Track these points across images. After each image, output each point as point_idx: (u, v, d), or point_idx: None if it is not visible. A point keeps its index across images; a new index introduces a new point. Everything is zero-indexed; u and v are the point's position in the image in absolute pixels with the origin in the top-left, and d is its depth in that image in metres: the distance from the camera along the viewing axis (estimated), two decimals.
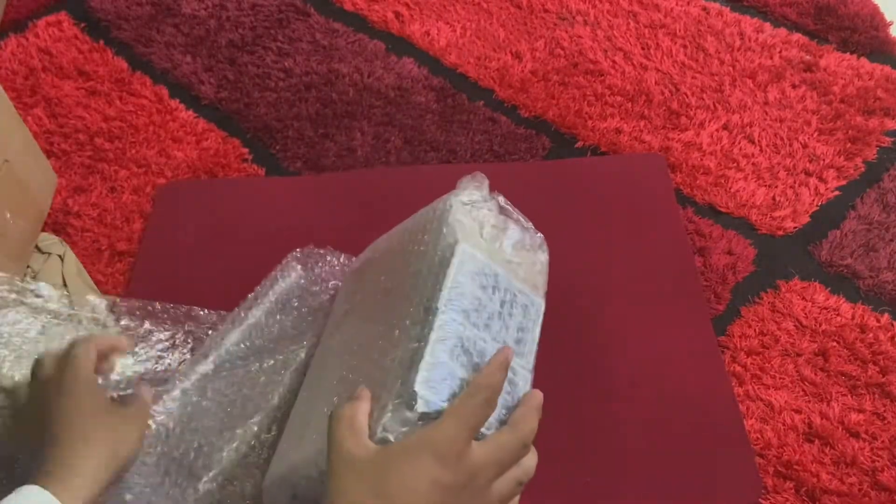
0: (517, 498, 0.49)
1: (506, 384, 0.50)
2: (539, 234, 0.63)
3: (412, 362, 0.50)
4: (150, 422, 0.63)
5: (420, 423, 0.47)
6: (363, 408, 0.49)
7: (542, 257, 0.62)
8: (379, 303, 0.60)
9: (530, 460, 0.48)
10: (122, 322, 0.73)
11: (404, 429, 0.47)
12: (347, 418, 0.48)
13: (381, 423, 0.48)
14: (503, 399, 0.50)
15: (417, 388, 0.48)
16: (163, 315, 0.74)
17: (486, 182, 0.62)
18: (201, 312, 0.76)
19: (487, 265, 0.57)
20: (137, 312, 0.74)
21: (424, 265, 0.56)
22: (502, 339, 0.54)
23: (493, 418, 0.48)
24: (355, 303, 0.66)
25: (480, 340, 0.53)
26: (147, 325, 0.73)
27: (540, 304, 0.60)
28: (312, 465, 0.55)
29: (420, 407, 0.48)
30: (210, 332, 0.74)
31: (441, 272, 0.55)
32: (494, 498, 0.46)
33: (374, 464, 0.45)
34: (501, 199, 0.63)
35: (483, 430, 0.47)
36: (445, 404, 0.48)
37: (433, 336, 0.51)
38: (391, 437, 0.47)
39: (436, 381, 0.49)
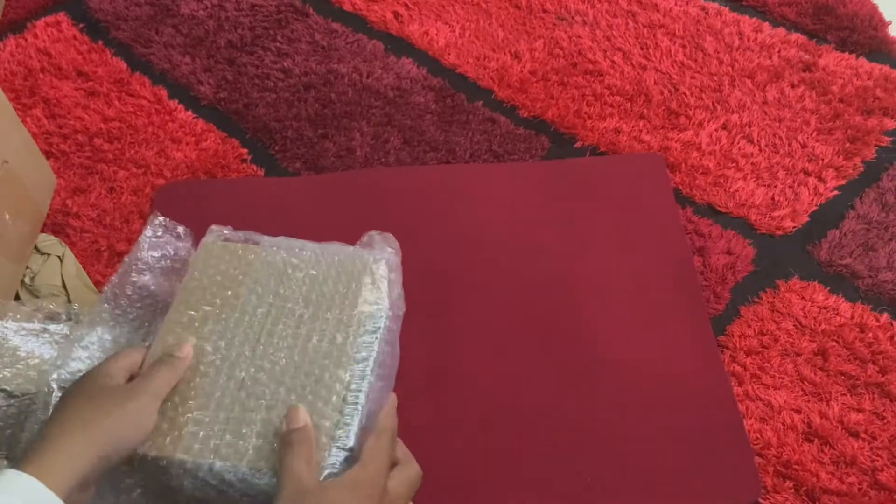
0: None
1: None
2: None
3: (348, 417, 0.58)
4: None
5: (345, 462, 0.56)
6: (312, 442, 0.55)
7: None
8: (298, 332, 0.62)
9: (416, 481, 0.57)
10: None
11: (337, 471, 0.55)
12: (305, 454, 0.54)
13: (326, 466, 0.55)
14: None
15: (353, 443, 0.56)
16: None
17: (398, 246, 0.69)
18: None
19: (393, 335, 0.65)
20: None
21: (354, 321, 0.63)
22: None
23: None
24: (270, 307, 0.65)
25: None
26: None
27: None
28: (233, 473, 0.56)
29: (349, 459, 0.56)
30: None
31: (372, 336, 0.62)
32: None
33: (321, 498, 0.52)
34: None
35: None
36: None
37: (362, 397, 0.59)
38: (331, 475, 0.55)
39: (361, 432, 0.58)
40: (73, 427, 0.52)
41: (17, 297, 0.82)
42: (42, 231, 0.89)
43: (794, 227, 0.88)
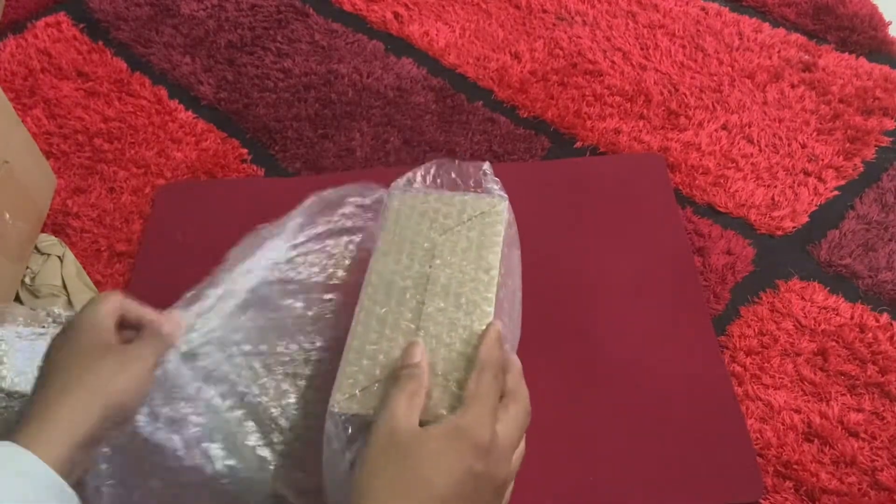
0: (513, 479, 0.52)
1: None
2: None
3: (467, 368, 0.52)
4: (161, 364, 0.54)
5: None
6: (423, 382, 0.50)
7: None
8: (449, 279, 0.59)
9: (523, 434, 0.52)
10: None
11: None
12: (410, 392, 0.48)
13: (435, 413, 0.49)
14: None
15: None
16: None
17: None
18: None
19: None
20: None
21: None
22: None
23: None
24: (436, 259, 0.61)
25: None
26: None
27: None
28: None
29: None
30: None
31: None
32: (508, 474, 0.49)
33: (416, 445, 0.46)
34: None
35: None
36: None
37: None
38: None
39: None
40: (72, 382, 0.49)
41: (18, 298, 0.82)
42: (42, 231, 0.89)
43: (793, 228, 0.89)
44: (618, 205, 0.90)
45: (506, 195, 0.64)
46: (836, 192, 0.92)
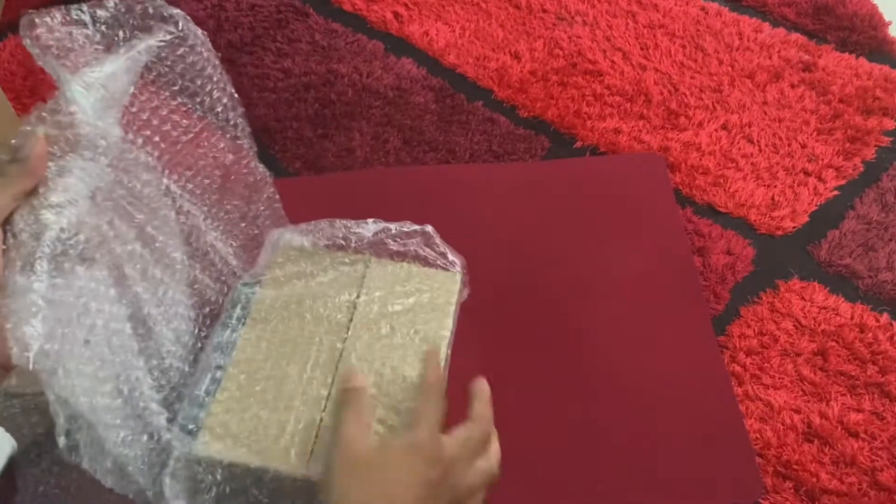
0: (483, 491, 0.53)
1: None
2: None
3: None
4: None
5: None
6: (367, 404, 0.52)
7: None
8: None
9: (495, 452, 0.53)
10: None
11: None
12: (357, 416, 0.50)
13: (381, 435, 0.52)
14: None
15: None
16: None
17: None
18: None
19: None
20: None
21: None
22: None
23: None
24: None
25: None
26: None
27: None
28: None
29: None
30: None
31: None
32: (466, 485, 0.51)
33: (378, 463, 0.49)
34: None
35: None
36: None
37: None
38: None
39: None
40: None
41: None
42: None
43: (793, 228, 0.89)
44: (618, 205, 0.90)
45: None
46: (836, 192, 0.92)
